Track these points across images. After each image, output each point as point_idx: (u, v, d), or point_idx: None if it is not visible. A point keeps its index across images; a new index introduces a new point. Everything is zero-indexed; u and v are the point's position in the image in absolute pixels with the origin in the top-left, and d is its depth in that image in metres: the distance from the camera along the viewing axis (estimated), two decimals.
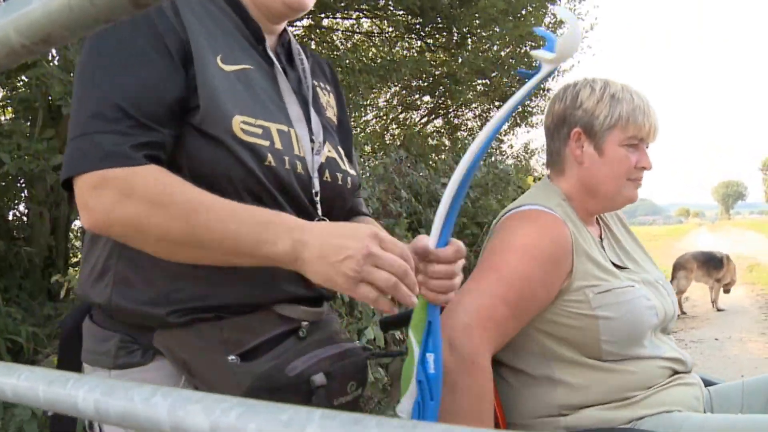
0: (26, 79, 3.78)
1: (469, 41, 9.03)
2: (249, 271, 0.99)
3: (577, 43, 1.03)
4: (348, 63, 7.74)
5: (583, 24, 10.39)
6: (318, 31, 8.75)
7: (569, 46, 1.02)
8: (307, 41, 7.92)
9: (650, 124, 1.51)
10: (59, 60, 3.39)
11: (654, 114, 1.52)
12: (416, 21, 8.46)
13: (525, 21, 8.50)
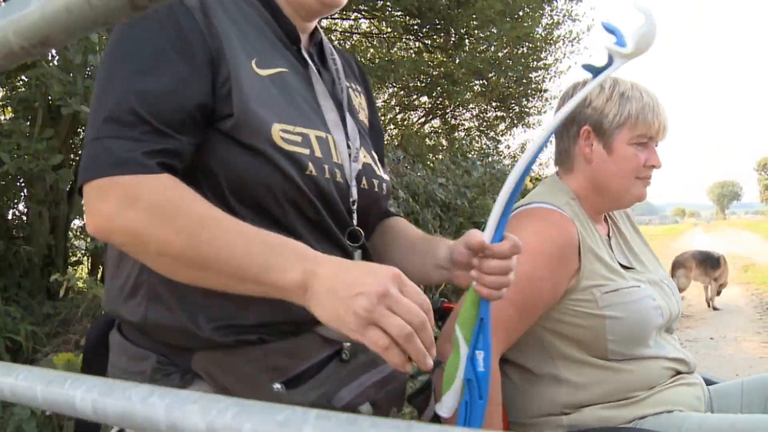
0: (26, 79, 3.79)
1: (467, 42, 9.04)
2: None
3: (654, 38, 0.99)
4: None
5: (580, 25, 10.40)
6: None
7: (647, 40, 0.98)
8: None
9: (659, 123, 1.51)
10: (59, 60, 3.39)
11: (663, 112, 1.52)
12: (414, 22, 8.48)
13: (522, 22, 8.52)
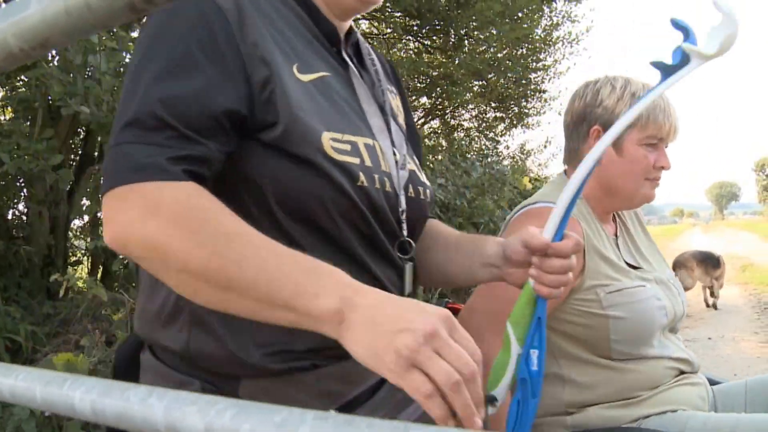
0: (26, 80, 3.79)
1: (466, 43, 9.03)
2: None
3: (736, 37, 0.95)
4: None
5: (579, 27, 10.40)
6: None
7: (730, 41, 0.95)
8: None
9: (670, 124, 1.50)
10: (59, 61, 3.39)
11: (674, 114, 1.51)
12: (414, 23, 8.47)
13: (521, 23, 8.51)
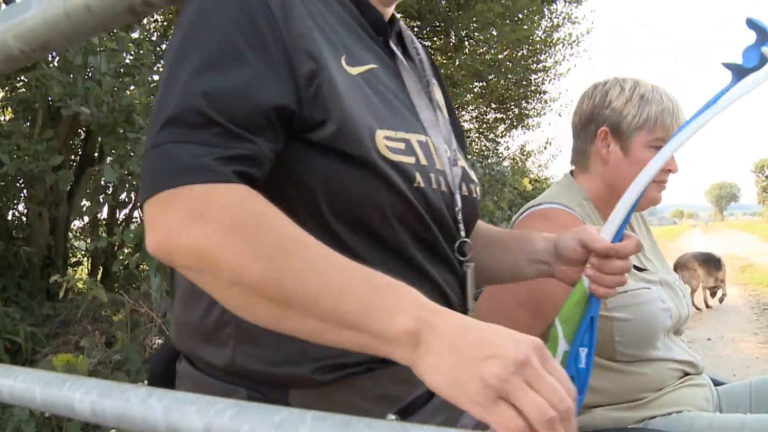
0: (26, 80, 3.80)
1: (467, 44, 9.04)
2: None
3: None
4: None
5: (580, 28, 10.42)
6: None
7: None
8: None
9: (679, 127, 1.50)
10: (59, 61, 3.39)
11: (683, 117, 1.50)
12: (414, 24, 8.47)
13: (522, 24, 8.52)
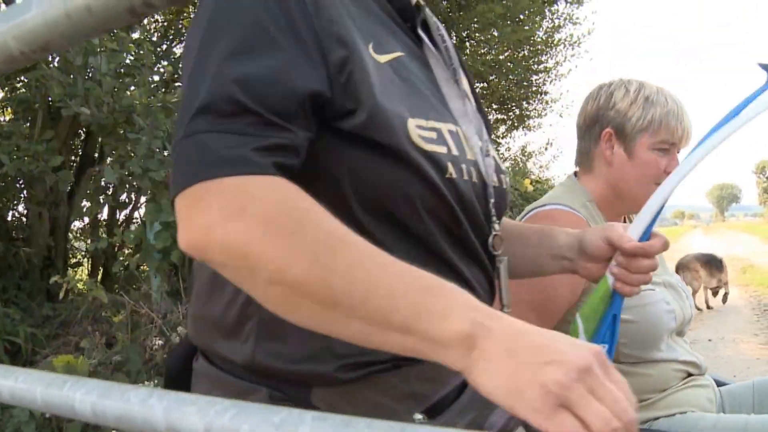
0: (26, 81, 3.80)
1: (468, 45, 9.05)
2: None
3: None
4: None
5: (581, 29, 10.43)
6: None
7: None
8: None
9: (683, 129, 1.49)
10: (59, 62, 3.40)
11: (687, 119, 1.50)
12: None
13: (523, 25, 8.53)
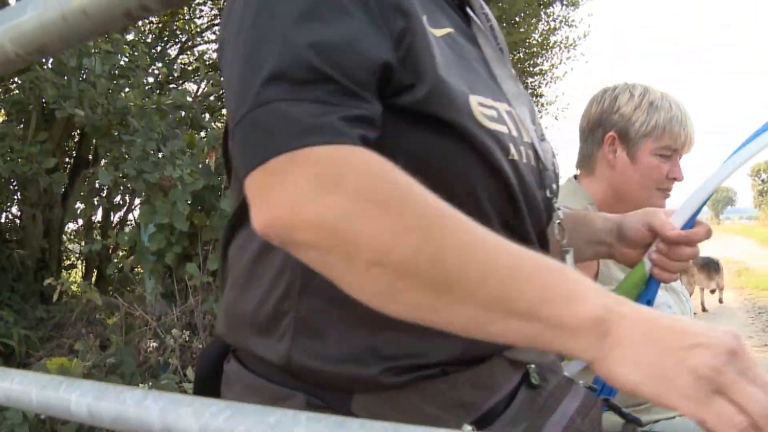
0: (19, 82, 3.79)
1: None
2: None
3: None
4: None
5: (577, 31, 10.46)
6: None
7: None
8: None
9: (686, 136, 1.50)
10: (53, 63, 3.39)
11: (691, 125, 1.51)
12: None
13: (518, 27, 8.55)
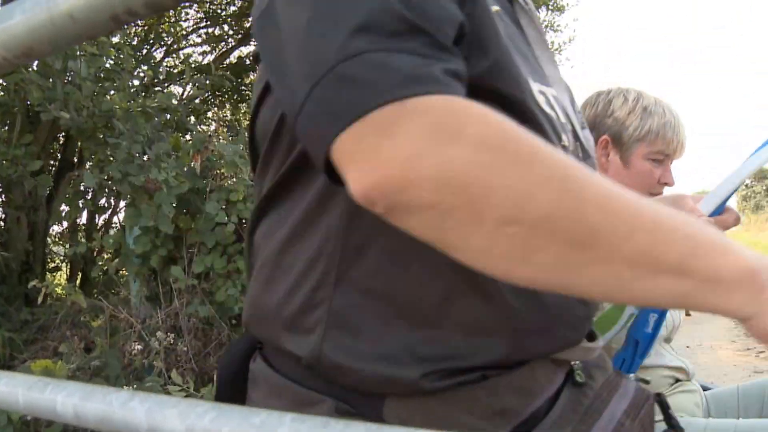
0: (4, 84, 3.76)
1: None
2: (528, 312, 0.66)
3: None
4: None
5: (562, 36, 10.52)
6: None
7: None
8: None
9: (678, 141, 1.52)
10: (38, 65, 3.37)
11: (683, 131, 1.52)
12: None
13: None
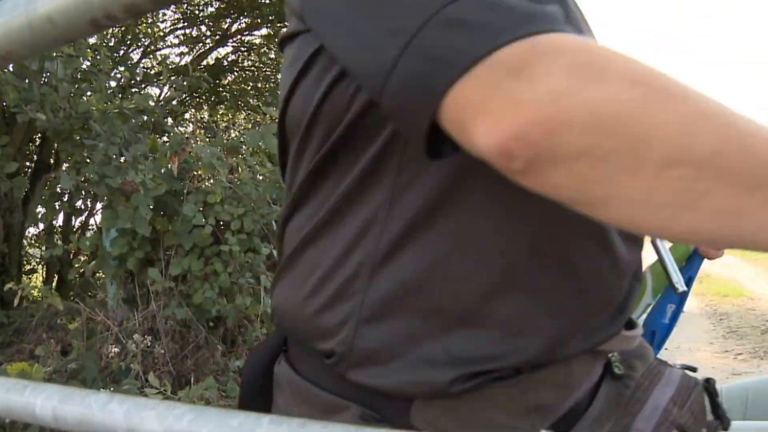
0: None
1: None
2: (561, 307, 0.64)
3: None
4: None
5: None
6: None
7: None
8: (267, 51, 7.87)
9: None
10: (14, 66, 3.35)
11: None
12: None
13: None
